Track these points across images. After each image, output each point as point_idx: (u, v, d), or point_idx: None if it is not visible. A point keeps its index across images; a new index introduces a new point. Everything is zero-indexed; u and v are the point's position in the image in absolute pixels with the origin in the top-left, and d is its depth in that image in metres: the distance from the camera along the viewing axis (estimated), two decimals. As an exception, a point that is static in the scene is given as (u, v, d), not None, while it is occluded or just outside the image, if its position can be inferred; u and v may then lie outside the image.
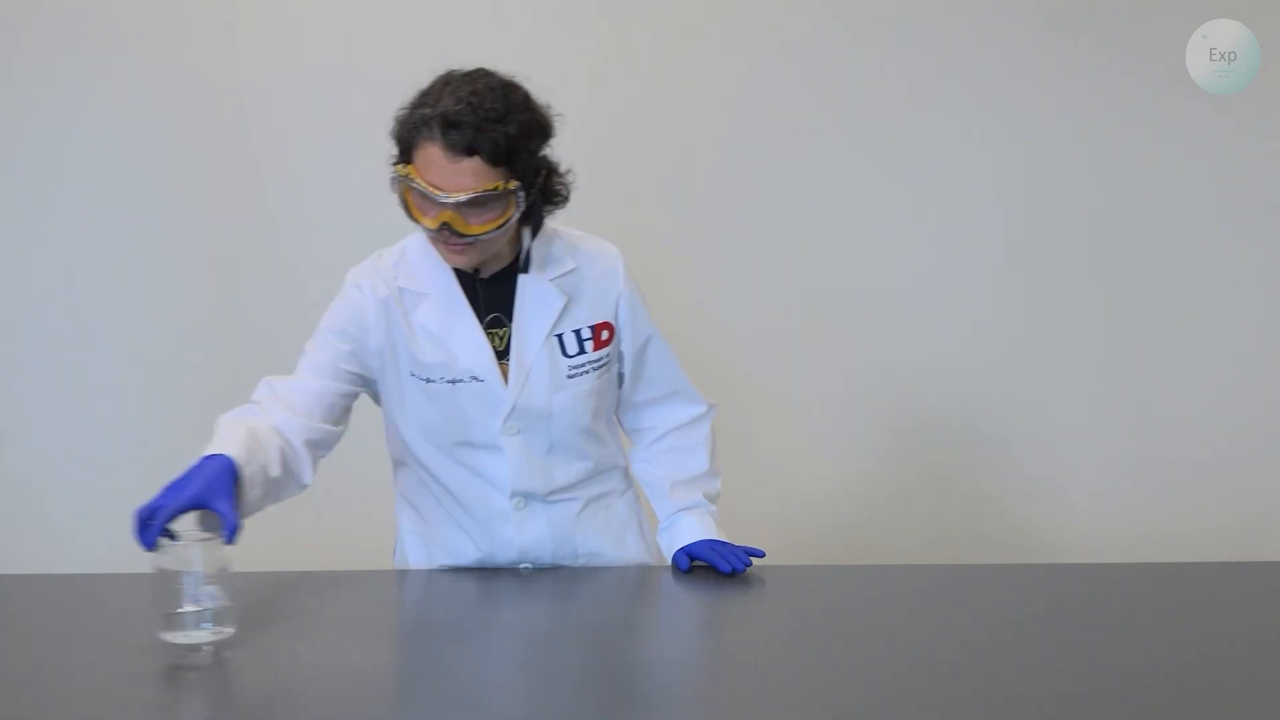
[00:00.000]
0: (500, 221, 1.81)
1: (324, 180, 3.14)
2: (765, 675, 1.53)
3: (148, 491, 2.64)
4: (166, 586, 1.55)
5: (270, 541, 2.37)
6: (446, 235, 1.81)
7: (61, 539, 3.08)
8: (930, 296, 3.24)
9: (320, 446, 1.92)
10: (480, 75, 1.83)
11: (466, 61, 1.85)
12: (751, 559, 1.99)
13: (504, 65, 1.88)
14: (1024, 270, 3.24)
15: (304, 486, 1.89)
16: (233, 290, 3.15)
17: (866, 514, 3.25)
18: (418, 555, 2.09)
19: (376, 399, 2.05)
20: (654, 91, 3.17)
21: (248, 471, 1.72)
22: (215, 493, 1.63)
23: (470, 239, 1.82)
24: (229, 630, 1.57)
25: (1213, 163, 3.22)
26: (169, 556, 1.55)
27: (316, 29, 3.12)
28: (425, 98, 1.81)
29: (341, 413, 1.96)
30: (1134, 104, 3.20)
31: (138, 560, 1.60)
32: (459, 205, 1.78)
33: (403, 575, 2.04)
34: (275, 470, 1.79)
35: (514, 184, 1.80)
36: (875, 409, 3.27)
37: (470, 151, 1.76)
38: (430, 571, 2.05)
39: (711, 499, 2.12)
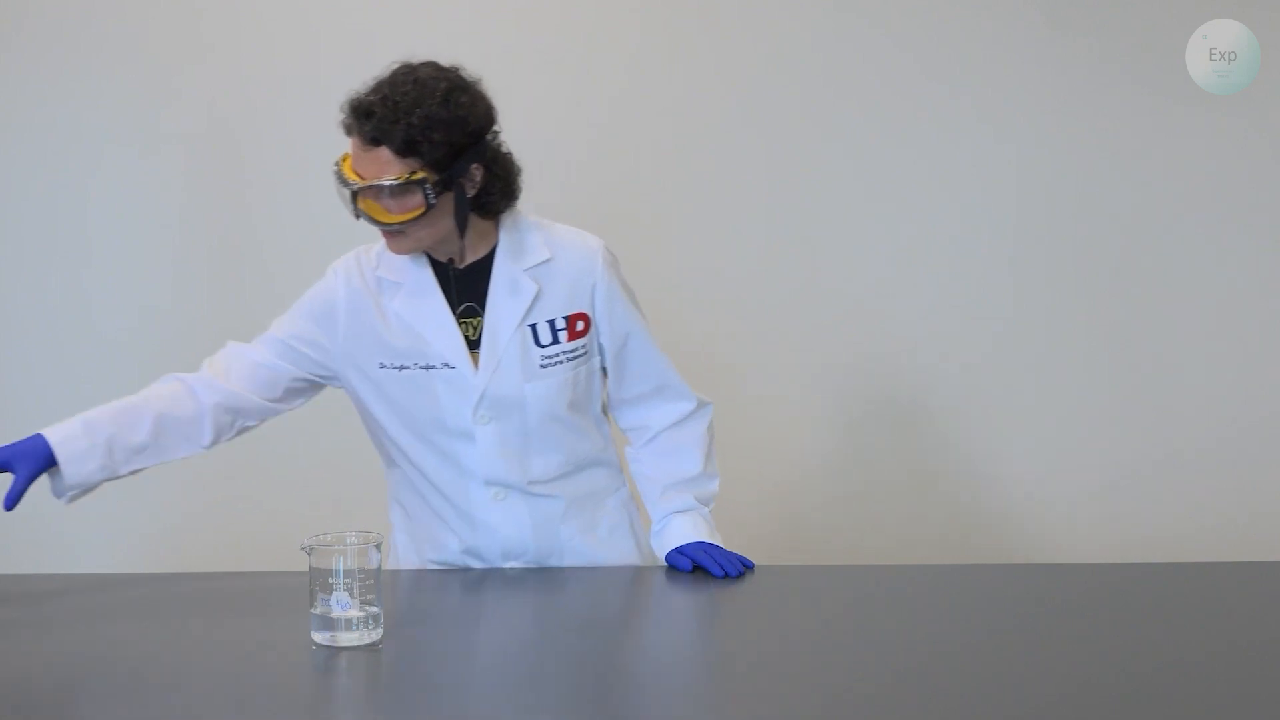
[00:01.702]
0: (417, 212, 1.85)
1: (324, 179, 3.14)
2: (757, 676, 1.53)
3: (147, 491, 2.66)
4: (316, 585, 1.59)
5: (272, 543, 2.38)
6: (369, 223, 1.87)
7: (61, 539, 3.08)
8: (926, 295, 3.23)
9: (240, 414, 2.01)
10: (417, 67, 1.88)
11: (465, 60, 1.86)
12: (744, 569, 1.99)
13: (503, 64, 1.89)
14: (1022, 269, 3.24)
15: (203, 446, 2.00)
16: (233, 290, 3.15)
17: (859, 514, 3.25)
18: (408, 554, 2.11)
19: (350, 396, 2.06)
20: (643, 87, 3.17)
21: (75, 448, 1.89)
22: (18, 461, 1.88)
23: (393, 228, 1.87)
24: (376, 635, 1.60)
25: (1212, 163, 3.22)
26: (317, 555, 1.59)
27: (317, 29, 3.12)
28: (357, 92, 1.88)
29: (283, 391, 2.03)
30: (1134, 104, 3.20)
31: (138, 560, 1.60)
32: (371, 193, 1.84)
33: (394, 575, 2.05)
34: (140, 437, 1.93)
35: (421, 175, 1.83)
36: (869, 407, 3.27)
37: (376, 141, 1.82)
38: (419, 572, 2.06)
39: (705, 501, 2.11)
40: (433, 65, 1.89)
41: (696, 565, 2.01)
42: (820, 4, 3.18)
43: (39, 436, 1.89)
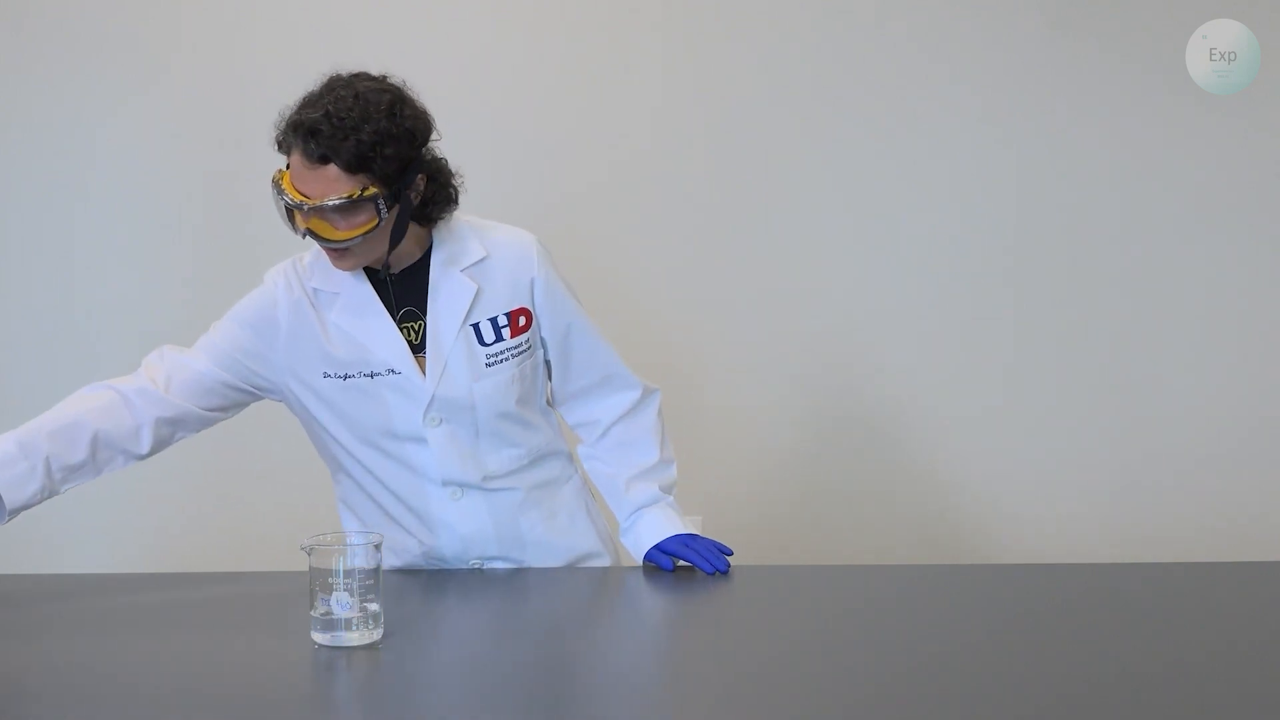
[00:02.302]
0: (368, 228, 1.83)
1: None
2: (749, 675, 1.52)
3: (147, 492, 2.65)
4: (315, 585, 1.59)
5: (272, 543, 2.38)
6: (316, 241, 1.84)
7: (61, 540, 3.08)
8: (922, 295, 3.23)
9: (180, 426, 1.96)
10: (354, 80, 1.86)
11: (467, 62, 1.87)
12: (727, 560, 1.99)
13: (505, 64, 1.88)
14: (1018, 268, 3.24)
15: (139, 457, 1.94)
16: (237, 292, 3.14)
17: (851, 514, 3.25)
18: None
19: (290, 407, 2.04)
20: (635, 86, 3.17)
21: (13, 472, 1.83)
22: None
23: (338, 244, 1.84)
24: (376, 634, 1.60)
25: (1212, 163, 3.22)
26: (317, 555, 1.59)
27: (318, 29, 3.12)
28: (303, 102, 1.85)
29: (221, 401, 1.98)
30: (1134, 104, 3.20)
31: (138, 561, 1.60)
32: (320, 212, 1.81)
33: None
34: (78, 456, 1.88)
35: (373, 190, 1.81)
36: (861, 407, 3.26)
37: (324, 160, 1.80)
38: (411, 571, 2.04)
39: (667, 489, 2.10)
40: (366, 76, 1.87)
41: (680, 562, 2.01)
42: (819, 4, 3.18)
43: None
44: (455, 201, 1.97)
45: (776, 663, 1.57)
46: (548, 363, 2.08)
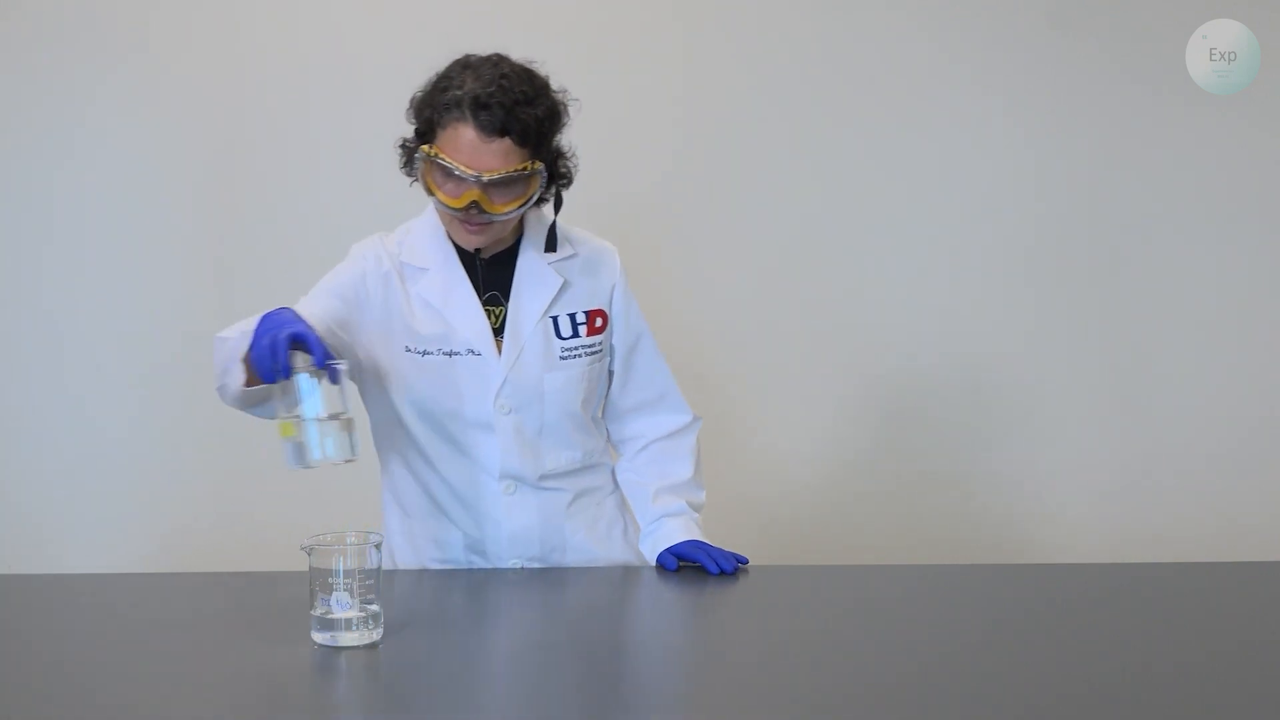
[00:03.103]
0: (523, 200, 1.88)
1: (324, 181, 3.14)
2: (756, 675, 1.53)
3: (147, 491, 2.64)
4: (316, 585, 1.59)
5: (271, 543, 2.38)
6: (472, 215, 1.86)
7: (62, 539, 3.08)
8: (923, 295, 3.23)
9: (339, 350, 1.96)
10: (502, 59, 1.89)
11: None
12: (738, 565, 2.00)
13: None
14: (1018, 269, 3.24)
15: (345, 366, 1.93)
16: (233, 291, 3.15)
17: (854, 514, 3.25)
18: (405, 555, 2.09)
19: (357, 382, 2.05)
20: (646, 91, 3.17)
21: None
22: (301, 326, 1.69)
23: (496, 218, 1.87)
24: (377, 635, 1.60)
25: (1212, 163, 3.22)
26: (317, 555, 1.59)
27: (318, 30, 3.12)
28: (448, 80, 1.87)
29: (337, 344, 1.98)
30: (1134, 104, 3.20)
31: (137, 561, 1.60)
32: (487, 185, 1.84)
33: (391, 575, 2.04)
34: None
35: (539, 164, 1.87)
36: (864, 408, 3.27)
37: (502, 133, 1.82)
38: (419, 571, 2.05)
39: (695, 508, 2.13)
40: (507, 57, 1.91)
41: (686, 562, 2.02)
42: (818, 4, 3.18)
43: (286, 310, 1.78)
44: (571, 181, 1.99)
45: (779, 663, 1.57)
46: (611, 372, 2.12)
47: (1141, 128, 3.21)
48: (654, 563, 2.07)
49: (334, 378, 1.68)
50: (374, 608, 1.60)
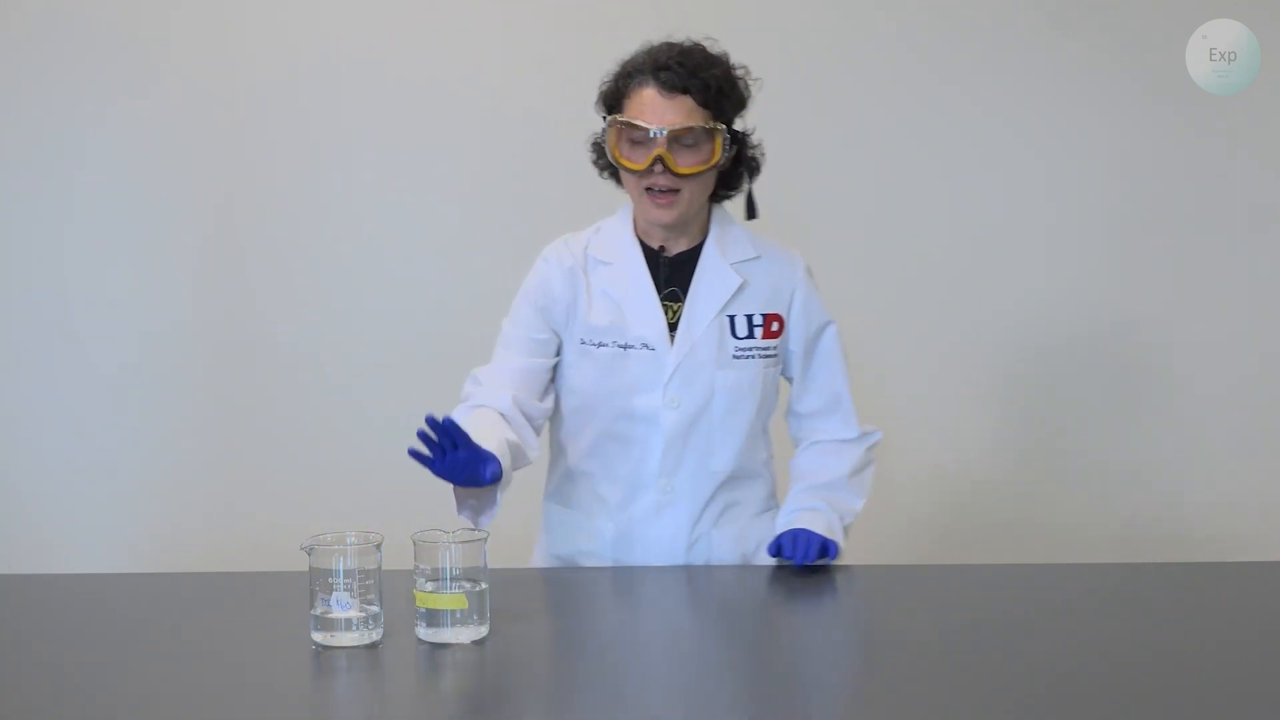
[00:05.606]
0: (708, 163, 1.93)
1: (325, 182, 3.14)
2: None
3: (146, 492, 2.61)
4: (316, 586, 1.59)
5: (272, 543, 2.38)
6: (657, 174, 1.91)
7: (61, 540, 3.08)
8: (923, 295, 3.23)
9: (535, 419, 2.02)
10: (682, 41, 1.98)
11: (467, 61, 1.88)
12: (824, 558, 1.97)
13: (505, 63, 1.88)
14: (1018, 269, 3.24)
15: (529, 461, 1.97)
16: (233, 293, 3.15)
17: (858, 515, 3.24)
18: (560, 545, 2.11)
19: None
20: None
21: (505, 463, 1.83)
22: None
23: (679, 178, 1.91)
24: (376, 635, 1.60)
25: (1211, 163, 3.22)
26: (317, 555, 1.59)
27: (319, 30, 3.12)
28: (631, 59, 1.98)
29: (545, 386, 2.05)
30: (1134, 104, 3.20)
31: (138, 561, 1.60)
32: (670, 140, 1.90)
33: (538, 574, 2.06)
34: (514, 438, 1.90)
35: (720, 126, 1.93)
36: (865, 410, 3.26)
37: (684, 90, 1.91)
38: (565, 570, 2.07)
39: (837, 508, 2.07)
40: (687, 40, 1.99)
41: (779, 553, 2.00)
42: (832, 9, 3.18)
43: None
44: (759, 169, 2.05)
45: (804, 665, 1.57)
46: (790, 379, 2.12)
47: (1141, 128, 3.20)
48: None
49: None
50: (374, 608, 1.60)
